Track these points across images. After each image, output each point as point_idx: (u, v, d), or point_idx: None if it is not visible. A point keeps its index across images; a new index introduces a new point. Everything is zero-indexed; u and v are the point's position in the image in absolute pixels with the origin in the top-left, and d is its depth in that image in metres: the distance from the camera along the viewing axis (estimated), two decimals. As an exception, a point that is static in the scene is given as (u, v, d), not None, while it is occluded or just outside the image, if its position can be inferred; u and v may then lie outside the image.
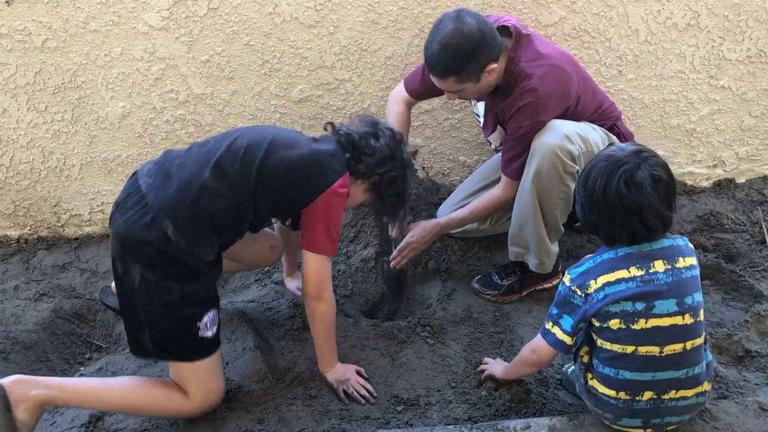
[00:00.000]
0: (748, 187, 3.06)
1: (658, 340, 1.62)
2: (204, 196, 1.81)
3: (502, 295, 2.51)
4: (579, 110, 2.30)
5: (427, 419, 1.97)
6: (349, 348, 2.26)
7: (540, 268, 2.41)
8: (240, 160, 1.86)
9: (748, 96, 2.94)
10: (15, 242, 2.91)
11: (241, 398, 2.03)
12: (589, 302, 1.66)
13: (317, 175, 1.91)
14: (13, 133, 2.72)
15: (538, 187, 2.23)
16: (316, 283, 1.97)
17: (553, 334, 1.74)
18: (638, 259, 1.64)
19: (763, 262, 2.66)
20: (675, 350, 1.64)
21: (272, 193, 1.90)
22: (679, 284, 1.64)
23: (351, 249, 2.66)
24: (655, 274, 1.63)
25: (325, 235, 1.94)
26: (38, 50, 2.58)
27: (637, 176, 1.60)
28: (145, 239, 1.76)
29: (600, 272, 1.66)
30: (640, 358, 1.64)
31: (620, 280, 1.64)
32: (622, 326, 1.63)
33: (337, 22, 2.63)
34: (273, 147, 1.89)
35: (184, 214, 1.79)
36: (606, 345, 1.68)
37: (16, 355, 2.29)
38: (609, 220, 1.64)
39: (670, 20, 2.75)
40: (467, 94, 2.26)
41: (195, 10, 2.55)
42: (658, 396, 1.67)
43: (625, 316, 1.62)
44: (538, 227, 2.31)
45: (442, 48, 2.09)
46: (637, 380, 1.66)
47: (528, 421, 1.84)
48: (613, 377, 1.68)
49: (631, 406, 1.69)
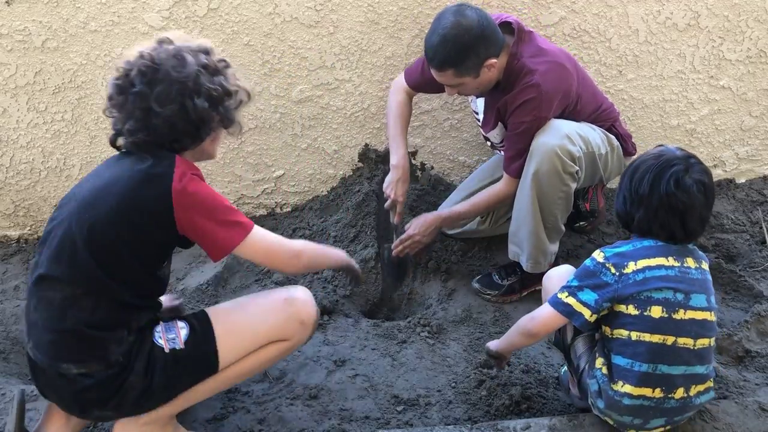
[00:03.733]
0: (748, 187, 3.06)
1: (693, 333, 1.65)
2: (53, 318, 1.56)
3: (502, 295, 2.51)
4: (578, 109, 2.31)
5: (427, 419, 1.97)
6: (349, 348, 2.26)
7: (535, 267, 2.41)
8: (66, 259, 1.55)
9: (748, 96, 2.94)
10: (15, 242, 2.91)
11: (241, 398, 2.03)
12: (623, 282, 1.65)
13: (149, 189, 1.55)
14: (13, 133, 2.72)
15: (537, 187, 2.23)
16: (273, 259, 1.70)
17: (567, 304, 1.69)
18: (675, 252, 1.69)
19: (763, 262, 2.65)
20: (704, 345, 1.67)
21: (120, 248, 1.56)
22: (705, 282, 1.71)
23: (351, 249, 2.66)
24: (688, 269, 1.68)
25: (222, 222, 1.59)
26: (38, 50, 2.58)
27: (686, 179, 1.66)
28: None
29: (641, 256, 1.68)
30: (678, 350, 1.65)
31: (660, 266, 1.66)
32: (664, 315, 1.64)
33: (337, 22, 2.63)
34: (84, 220, 1.55)
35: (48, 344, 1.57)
36: (645, 337, 1.65)
37: (16, 355, 2.29)
38: (651, 216, 1.69)
39: (670, 20, 2.75)
40: (467, 89, 2.26)
41: (195, 10, 2.55)
42: (687, 394, 1.68)
43: (667, 304, 1.64)
44: (536, 227, 2.31)
45: (441, 40, 2.10)
46: (673, 375, 1.66)
47: (528, 421, 1.84)
48: (651, 373, 1.66)
49: (663, 404, 1.68)
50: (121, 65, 1.62)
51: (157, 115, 1.56)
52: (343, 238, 2.70)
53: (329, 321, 2.40)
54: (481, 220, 2.65)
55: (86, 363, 1.57)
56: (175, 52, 1.59)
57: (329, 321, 2.40)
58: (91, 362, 1.57)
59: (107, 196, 1.55)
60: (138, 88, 1.56)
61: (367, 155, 2.86)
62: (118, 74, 1.61)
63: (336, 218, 2.77)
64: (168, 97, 1.56)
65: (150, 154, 1.59)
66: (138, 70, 1.57)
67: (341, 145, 2.85)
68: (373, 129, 2.84)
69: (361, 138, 2.85)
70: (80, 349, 1.57)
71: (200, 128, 1.63)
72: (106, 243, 1.55)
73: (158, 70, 1.57)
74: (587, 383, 1.77)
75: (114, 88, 1.61)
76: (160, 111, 1.55)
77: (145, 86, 1.56)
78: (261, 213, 2.96)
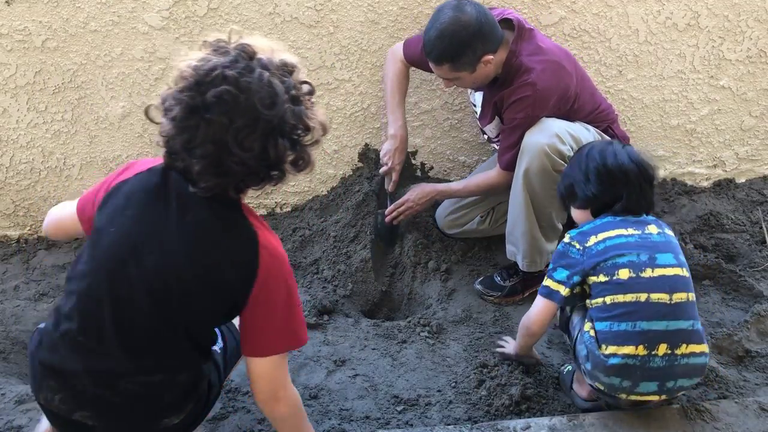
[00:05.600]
0: (748, 187, 3.06)
1: (667, 287, 1.74)
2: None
3: (505, 296, 2.51)
4: (576, 109, 2.31)
5: (427, 419, 1.97)
6: (349, 348, 2.26)
7: (531, 266, 2.41)
8: (150, 348, 1.41)
9: (748, 96, 2.94)
10: (15, 242, 2.91)
11: (240, 398, 2.03)
12: (587, 254, 1.78)
13: (233, 274, 1.39)
14: (13, 133, 2.72)
15: (528, 186, 2.24)
16: (269, 385, 1.50)
17: (546, 286, 1.86)
18: (634, 223, 1.82)
19: (763, 262, 2.65)
20: (681, 298, 1.74)
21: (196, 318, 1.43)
22: (669, 243, 1.82)
23: (351, 249, 2.66)
24: (649, 235, 1.81)
25: (286, 323, 1.46)
26: (38, 50, 2.57)
27: (620, 151, 1.89)
28: None
29: (600, 230, 1.81)
30: (653, 305, 1.72)
31: (619, 236, 1.79)
32: (632, 275, 1.73)
33: (337, 22, 2.63)
34: (171, 309, 1.39)
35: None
36: (619, 298, 1.73)
37: (16, 355, 2.29)
38: (599, 190, 1.86)
39: (670, 20, 2.74)
40: (463, 83, 2.29)
41: (195, 10, 2.55)
42: (672, 351, 1.71)
43: (633, 265, 1.74)
44: (530, 225, 2.32)
45: (438, 34, 2.12)
46: (653, 330, 1.71)
47: (528, 421, 1.84)
48: (630, 331, 1.72)
49: (648, 362, 1.71)
50: (187, 73, 1.30)
51: (232, 154, 1.29)
52: (343, 238, 2.70)
53: (329, 321, 2.40)
54: (481, 220, 2.65)
55: (185, 408, 1.51)
56: (263, 80, 1.30)
57: (329, 321, 2.40)
58: (189, 404, 1.52)
59: (191, 284, 1.37)
60: (215, 117, 1.27)
61: (367, 155, 2.86)
62: (185, 85, 1.30)
63: (336, 218, 2.77)
64: (250, 136, 1.29)
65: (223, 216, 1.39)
66: (217, 96, 1.27)
67: (341, 145, 2.85)
68: (373, 129, 2.84)
69: (361, 138, 2.85)
70: (180, 406, 1.50)
71: (272, 170, 1.37)
72: (203, 328, 1.47)
73: (244, 99, 1.28)
74: (578, 349, 1.83)
75: (181, 104, 1.30)
76: (236, 152, 1.29)
77: (224, 117, 1.27)
78: (261, 213, 2.95)
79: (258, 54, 1.33)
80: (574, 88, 2.27)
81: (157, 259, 1.36)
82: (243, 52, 1.32)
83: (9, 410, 1.95)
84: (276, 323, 1.45)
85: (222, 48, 1.33)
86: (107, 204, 1.43)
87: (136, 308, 1.37)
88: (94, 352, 1.40)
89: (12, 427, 1.89)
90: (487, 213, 2.65)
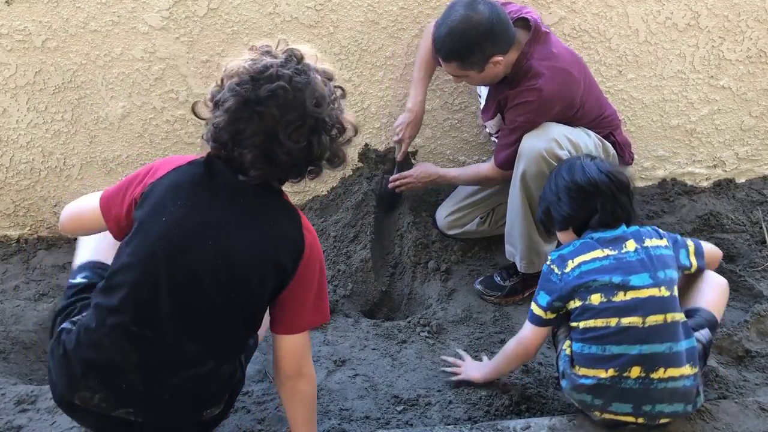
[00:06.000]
0: (748, 187, 3.06)
1: (640, 311, 1.69)
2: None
3: (505, 296, 2.51)
4: (579, 116, 2.30)
5: (427, 419, 1.97)
6: (349, 348, 2.26)
7: (529, 267, 2.41)
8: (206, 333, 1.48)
9: (748, 96, 2.94)
10: (15, 242, 2.91)
11: (240, 398, 2.03)
12: (564, 280, 1.77)
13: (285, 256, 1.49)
14: (13, 133, 2.72)
15: (525, 189, 2.24)
16: (297, 361, 1.59)
17: (531, 311, 1.86)
18: (611, 242, 1.78)
19: (763, 262, 2.65)
20: (657, 321, 1.69)
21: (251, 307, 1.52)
22: (650, 260, 1.75)
23: (351, 249, 2.66)
24: (626, 254, 1.75)
25: (317, 301, 1.57)
26: (38, 50, 2.57)
27: (587, 165, 1.87)
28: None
29: (577, 254, 1.79)
30: (624, 330, 1.69)
31: (594, 259, 1.76)
32: (603, 300, 1.72)
33: (337, 22, 2.63)
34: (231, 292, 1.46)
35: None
36: (590, 323, 1.73)
37: (16, 355, 2.29)
38: (572, 208, 1.85)
39: (670, 20, 2.74)
40: (471, 81, 2.29)
41: (195, 10, 2.55)
42: (646, 374, 1.68)
43: (605, 289, 1.72)
44: (528, 228, 2.32)
45: (449, 32, 2.11)
46: (624, 354, 1.69)
47: (528, 421, 1.84)
48: (600, 354, 1.71)
49: (620, 383, 1.69)
50: (243, 70, 1.40)
51: (281, 145, 1.40)
52: (342, 238, 2.70)
53: (329, 321, 2.40)
54: (481, 221, 2.65)
55: (224, 398, 1.59)
56: (312, 81, 1.43)
57: (329, 321, 2.40)
58: (227, 394, 1.60)
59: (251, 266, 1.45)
60: (267, 110, 1.38)
61: (367, 155, 2.86)
62: (240, 80, 1.40)
63: (336, 218, 2.77)
64: (299, 130, 1.41)
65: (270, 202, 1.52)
66: (272, 91, 1.38)
67: (341, 145, 2.85)
68: (373, 129, 2.84)
69: (361, 138, 2.85)
70: (222, 396, 1.58)
71: (312, 164, 1.50)
72: (258, 311, 1.53)
73: (295, 97, 1.39)
74: (558, 365, 1.85)
75: (236, 98, 1.39)
76: (286, 143, 1.40)
77: (276, 110, 1.38)
78: (261, 213, 2.95)
79: (305, 59, 1.46)
80: (579, 96, 2.25)
81: (216, 243, 1.42)
82: (293, 56, 1.44)
83: (9, 410, 1.94)
84: (310, 300, 1.55)
85: (271, 52, 1.45)
86: (148, 199, 1.47)
87: (197, 292, 1.43)
88: (148, 342, 1.43)
89: (12, 427, 1.89)
90: (487, 214, 2.65)
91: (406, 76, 2.73)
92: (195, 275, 1.42)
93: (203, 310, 1.44)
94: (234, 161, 1.44)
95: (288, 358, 1.57)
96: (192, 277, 1.42)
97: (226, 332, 1.49)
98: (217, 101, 1.43)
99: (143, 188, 1.49)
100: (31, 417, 1.91)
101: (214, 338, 1.48)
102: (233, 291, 1.45)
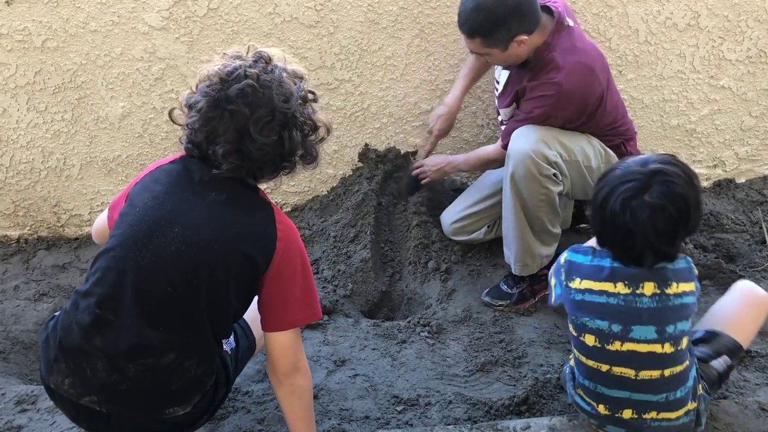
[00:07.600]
0: (748, 187, 3.06)
1: (634, 364, 1.59)
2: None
3: (514, 304, 2.45)
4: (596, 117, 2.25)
5: (427, 419, 1.97)
6: (349, 348, 2.26)
7: (523, 270, 2.39)
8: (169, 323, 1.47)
9: (748, 96, 2.94)
10: (15, 242, 2.91)
11: (241, 398, 2.03)
12: (565, 294, 1.67)
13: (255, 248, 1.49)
14: (13, 133, 2.72)
15: (516, 191, 2.23)
16: (291, 357, 1.59)
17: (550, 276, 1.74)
18: (629, 277, 1.57)
19: (763, 262, 2.66)
20: (651, 376, 1.59)
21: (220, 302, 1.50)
22: (663, 311, 1.56)
23: (351, 249, 2.66)
24: (640, 297, 1.56)
25: (304, 296, 1.57)
26: (38, 50, 2.57)
27: (636, 200, 1.48)
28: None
29: (588, 275, 1.61)
30: (616, 377, 1.61)
31: (603, 293, 1.58)
32: (597, 344, 1.62)
33: (337, 22, 2.63)
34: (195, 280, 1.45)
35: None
36: (582, 359, 1.68)
37: (16, 355, 2.30)
38: (602, 231, 1.58)
39: (670, 20, 2.75)
40: (493, 60, 2.24)
41: (195, 10, 2.55)
42: (639, 415, 1.63)
43: (600, 334, 1.60)
44: (521, 230, 2.30)
45: (475, 6, 2.06)
46: (614, 397, 1.64)
47: (528, 421, 1.84)
48: (591, 390, 1.69)
49: (614, 417, 1.67)
50: (212, 73, 1.46)
51: (253, 140, 1.45)
52: (342, 238, 2.70)
53: (329, 321, 2.40)
54: (488, 230, 2.62)
55: (192, 400, 1.55)
56: (280, 79, 1.47)
57: (329, 321, 2.40)
58: (196, 396, 1.56)
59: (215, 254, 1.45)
60: (237, 108, 1.43)
61: (366, 155, 2.86)
62: (210, 83, 1.46)
63: (335, 218, 2.77)
64: (269, 125, 1.45)
65: (242, 195, 1.52)
66: (240, 89, 1.43)
67: (341, 145, 2.85)
68: (373, 129, 2.84)
69: (361, 138, 2.85)
70: (187, 396, 1.54)
71: (286, 161, 1.53)
72: (222, 303, 1.50)
73: (263, 94, 1.44)
74: (564, 372, 1.86)
75: (207, 99, 1.45)
76: (257, 138, 1.44)
77: (246, 108, 1.43)
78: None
79: (274, 60, 1.51)
80: (599, 94, 2.19)
81: (184, 230, 1.45)
82: (261, 57, 1.50)
83: (9, 410, 1.95)
84: (296, 295, 1.55)
85: (241, 57, 1.50)
86: (132, 194, 1.53)
87: (159, 277, 1.44)
88: (109, 326, 1.44)
89: (12, 427, 1.89)
90: (494, 222, 2.62)
91: (405, 76, 2.74)
92: (158, 259, 1.44)
93: (164, 295, 1.44)
94: (209, 159, 1.49)
95: (282, 356, 1.58)
96: (155, 261, 1.44)
97: (188, 320, 1.47)
98: (190, 105, 1.48)
99: (132, 186, 1.57)
100: (31, 417, 1.91)
101: (175, 326, 1.46)
102: (195, 277, 1.44)
